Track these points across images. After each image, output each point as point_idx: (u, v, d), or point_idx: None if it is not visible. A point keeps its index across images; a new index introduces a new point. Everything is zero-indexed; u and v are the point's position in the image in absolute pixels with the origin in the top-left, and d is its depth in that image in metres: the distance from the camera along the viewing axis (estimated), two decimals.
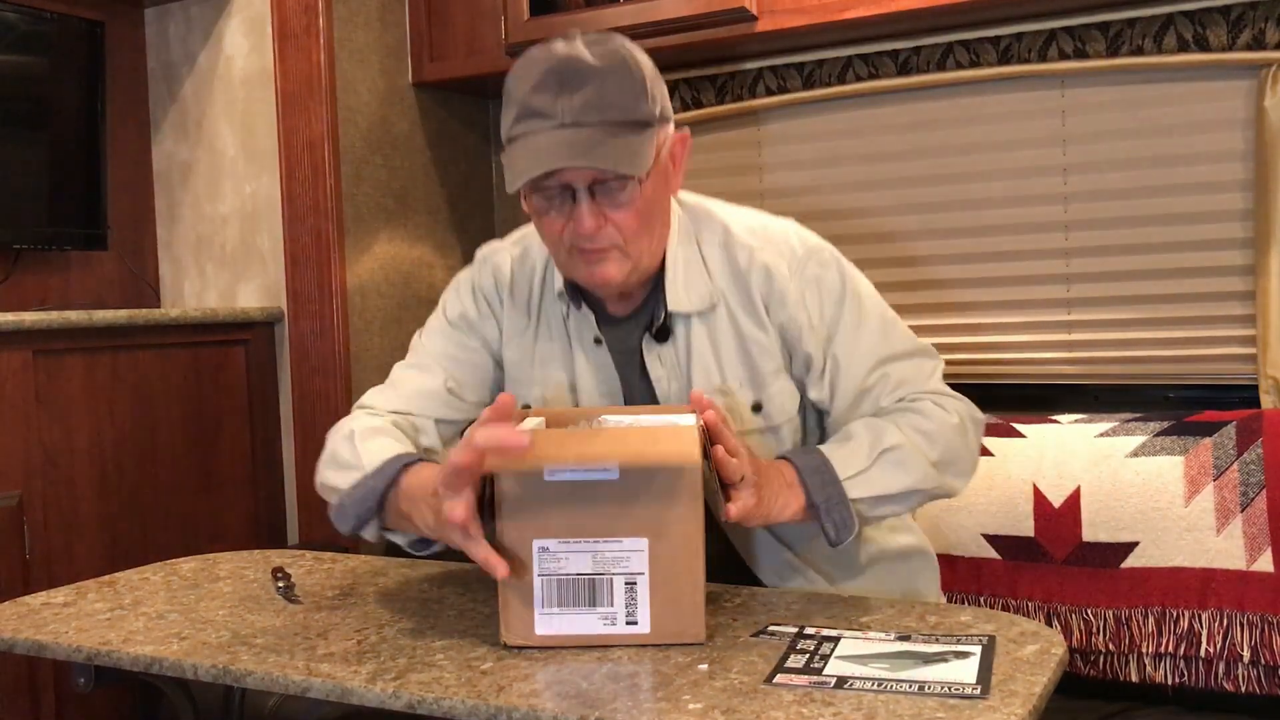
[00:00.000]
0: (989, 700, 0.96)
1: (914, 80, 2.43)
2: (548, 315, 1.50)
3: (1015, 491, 2.04)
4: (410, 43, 2.84)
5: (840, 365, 1.42)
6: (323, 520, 2.74)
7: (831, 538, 1.31)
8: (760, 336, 1.42)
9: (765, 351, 1.42)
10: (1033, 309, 2.44)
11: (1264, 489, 1.89)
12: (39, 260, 2.78)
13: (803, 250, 1.43)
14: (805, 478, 1.30)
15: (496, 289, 1.53)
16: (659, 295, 1.42)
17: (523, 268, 1.52)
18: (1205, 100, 2.22)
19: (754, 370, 1.42)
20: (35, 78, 2.64)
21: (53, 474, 2.38)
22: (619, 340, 1.46)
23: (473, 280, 1.55)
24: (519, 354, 1.51)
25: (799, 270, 1.42)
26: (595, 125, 1.26)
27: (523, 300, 1.51)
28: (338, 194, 2.68)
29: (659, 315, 1.43)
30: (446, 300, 1.58)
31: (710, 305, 1.42)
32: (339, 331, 2.69)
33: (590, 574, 1.13)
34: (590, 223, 1.30)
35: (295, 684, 1.08)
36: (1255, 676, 1.84)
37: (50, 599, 1.38)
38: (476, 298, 1.54)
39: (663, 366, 1.43)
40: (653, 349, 1.43)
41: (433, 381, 1.51)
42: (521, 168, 1.28)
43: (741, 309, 1.42)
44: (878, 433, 1.36)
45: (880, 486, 1.34)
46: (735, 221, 1.46)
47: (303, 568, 1.51)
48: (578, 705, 0.97)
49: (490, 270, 1.54)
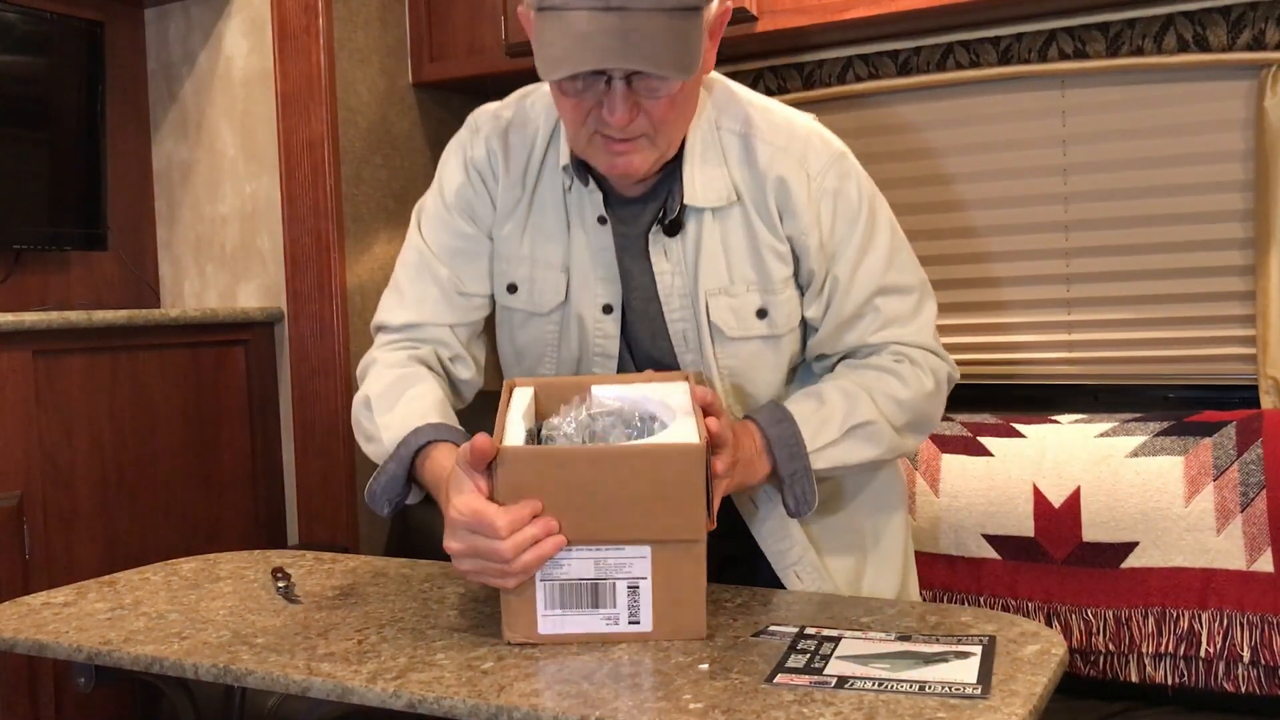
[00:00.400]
0: (989, 700, 0.96)
1: (914, 80, 2.43)
2: (544, 187, 1.39)
3: (1015, 491, 2.04)
4: (410, 43, 2.84)
5: (839, 287, 1.36)
6: (323, 520, 2.76)
7: (791, 509, 1.30)
8: (773, 241, 1.35)
9: (778, 257, 1.35)
10: (1033, 309, 2.44)
11: (1264, 489, 1.89)
12: (39, 260, 2.78)
13: (825, 157, 1.36)
14: (774, 449, 1.28)
15: (490, 160, 1.42)
16: (673, 182, 1.34)
17: (521, 135, 1.41)
18: (1205, 100, 2.22)
19: (764, 275, 1.35)
20: (35, 78, 2.64)
21: (53, 474, 2.38)
22: (625, 223, 1.37)
23: (464, 152, 1.44)
24: (509, 229, 1.42)
25: (818, 181, 1.34)
26: (645, 10, 1.14)
27: (518, 171, 1.40)
28: (338, 194, 2.68)
29: (672, 207, 1.34)
30: (442, 176, 1.47)
31: (727, 202, 1.34)
32: (339, 331, 2.69)
33: (593, 578, 1.13)
34: (624, 114, 1.20)
35: (296, 683, 1.08)
36: (1255, 676, 1.84)
37: (50, 599, 1.38)
38: (469, 172, 1.43)
39: (668, 260, 1.36)
40: (660, 241, 1.36)
41: (437, 286, 1.43)
42: (557, 55, 1.16)
43: (756, 210, 1.35)
44: (852, 404, 1.32)
45: (844, 459, 1.33)
46: (758, 113, 1.37)
47: (303, 568, 1.51)
48: (578, 705, 0.97)
49: (483, 140, 1.43)
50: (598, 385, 1.26)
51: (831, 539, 1.43)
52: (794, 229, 1.35)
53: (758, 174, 1.34)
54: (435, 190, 1.48)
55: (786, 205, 1.34)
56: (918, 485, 2.13)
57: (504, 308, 1.46)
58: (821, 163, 1.35)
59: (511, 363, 1.50)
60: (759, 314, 1.36)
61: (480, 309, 1.46)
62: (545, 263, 1.40)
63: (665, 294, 1.37)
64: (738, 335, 1.36)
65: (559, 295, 1.40)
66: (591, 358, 1.41)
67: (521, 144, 1.40)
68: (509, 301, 1.44)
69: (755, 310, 1.36)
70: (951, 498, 2.09)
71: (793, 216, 1.34)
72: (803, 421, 1.30)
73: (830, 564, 1.43)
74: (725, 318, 1.36)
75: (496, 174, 1.42)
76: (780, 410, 1.32)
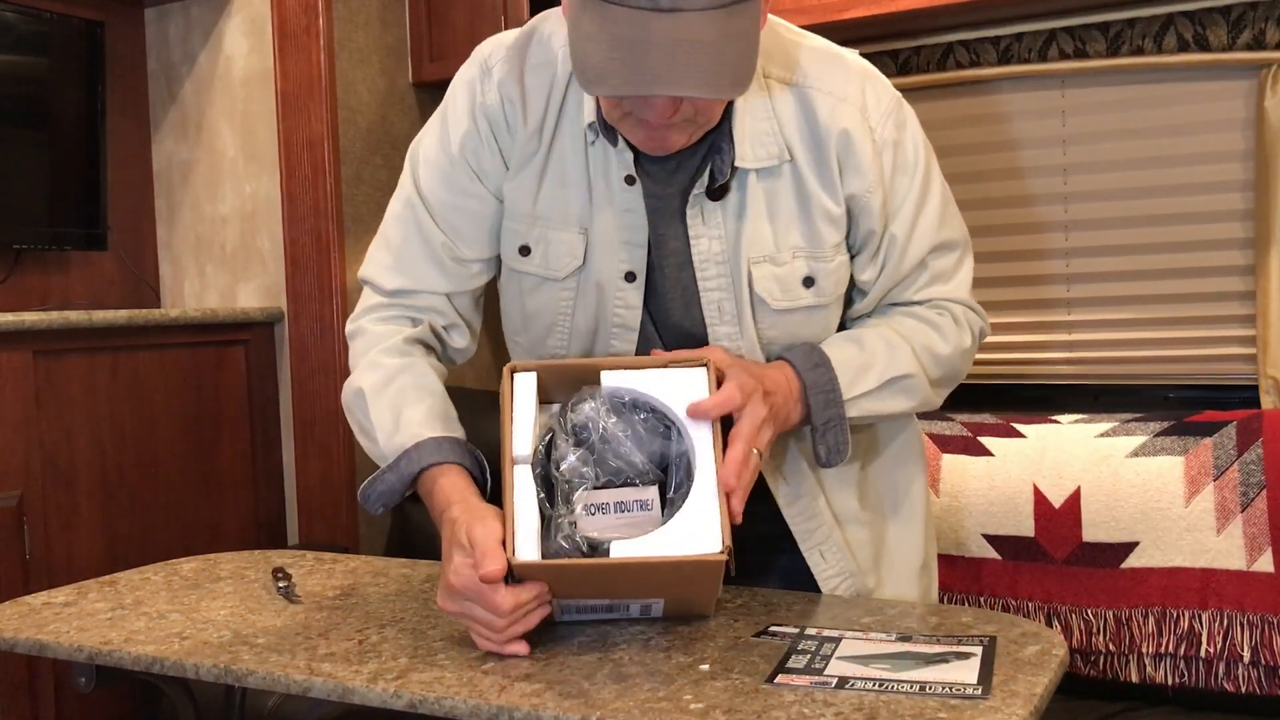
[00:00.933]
0: (990, 701, 0.96)
1: (915, 80, 2.43)
2: (563, 138, 1.24)
3: (1015, 491, 2.04)
4: (410, 43, 2.84)
5: (895, 246, 1.27)
6: (323, 520, 2.75)
7: (822, 459, 1.24)
8: (829, 204, 1.23)
9: (832, 222, 1.24)
10: (1033, 309, 2.44)
11: (1264, 489, 1.89)
12: (39, 260, 2.78)
13: (886, 103, 1.25)
14: (810, 396, 1.21)
15: (504, 109, 1.26)
16: (718, 138, 1.20)
17: (538, 77, 1.24)
18: (1205, 100, 2.22)
19: (815, 240, 1.24)
20: (35, 78, 2.64)
21: (53, 474, 2.38)
22: (658, 182, 1.23)
23: (474, 95, 1.28)
24: (521, 187, 1.27)
25: (879, 132, 1.24)
26: (698, 11, 1.01)
27: (535, 121, 1.24)
28: (338, 194, 2.68)
29: (721, 169, 1.21)
30: (448, 117, 1.31)
31: (778, 161, 1.22)
32: (339, 331, 2.69)
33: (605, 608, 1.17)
34: (666, 110, 1.09)
35: (296, 684, 1.07)
36: (1255, 676, 1.84)
37: (51, 599, 1.38)
38: (477, 120, 1.27)
39: (705, 225, 1.23)
40: (699, 204, 1.23)
41: (430, 249, 1.30)
42: (596, 66, 1.04)
43: (813, 170, 1.23)
44: (893, 354, 1.26)
45: (878, 409, 1.27)
46: (808, 56, 1.25)
47: (303, 568, 1.51)
48: (579, 705, 0.97)
49: (496, 86, 1.26)
50: (607, 371, 1.14)
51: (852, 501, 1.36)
52: (858, 186, 1.24)
53: (817, 130, 1.22)
54: (436, 132, 1.32)
55: (849, 162, 1.23)
56: None
57: (513, 270, 1.32)
58: (881, 110, 1.25)
59: (518, 328, 1.36)
60: (805, 282, 1.25)
61: (479, 275, 1.34)
62: (561, 223, 1.26)
63: (701, 261, 1.24)
64: (783, 306, 1.25)
65: (575, 260, 1.26)
66: (610, 329, 1.28)
67: (539, 88, 1.24)
68: (520, 265, 1.30)
69: (802, 279, 1.25)
70: (951, 498, 2.09)
71: (857, 173, 1.24)
72: (840, 368, 1.23)
73: (852, 537, 1.36)
74: (770, 288, 1.25)
75: (512, 126, 1.26)
76: (818, 354, 1.24)
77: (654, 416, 1.14)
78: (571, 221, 1.26)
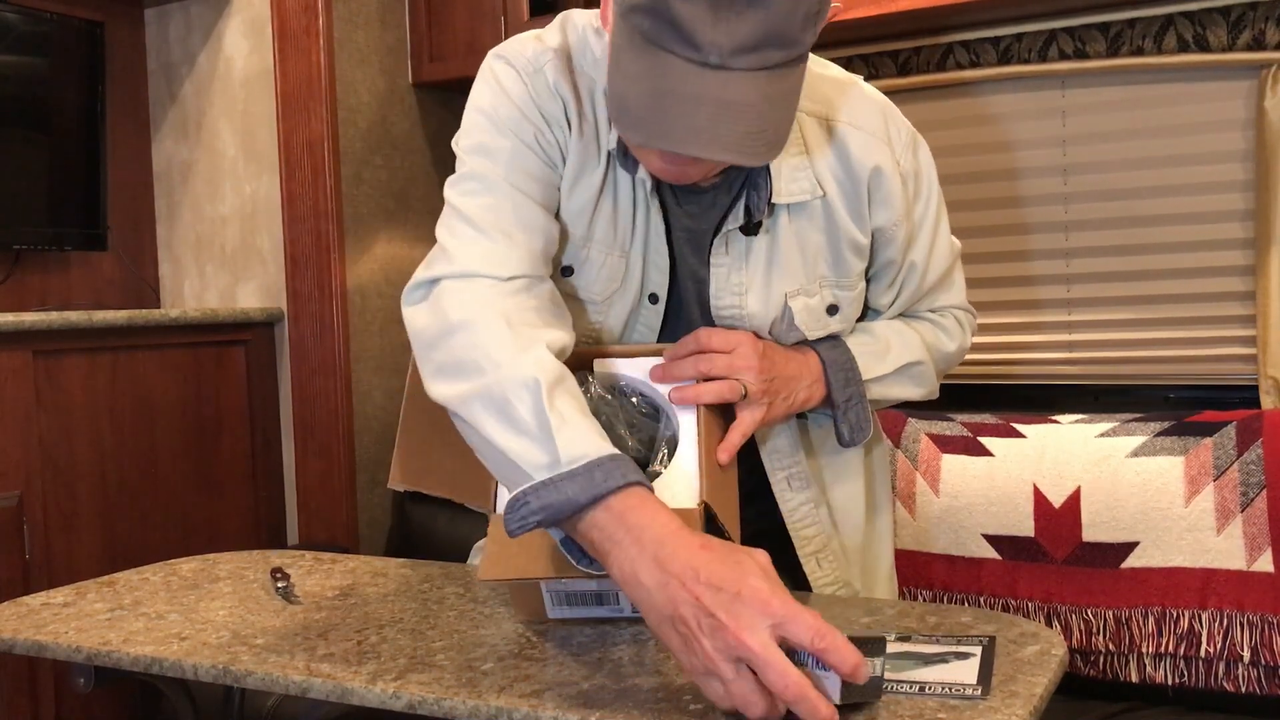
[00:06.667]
0: (990, 701, 0.95)
1: (915, 80, 2.43)
2: (618, 158, 1.20)
3: (1015, 491, 2.04)
4: (410, 43, 2.84)
5: (916, 273, 1.31)
6: (322, 520, 2.76)
7: (845, 438, 1.27)
8: (857, 236, 1.25)
9: (858, 252, 1.26)
10: (1033, 309, 2.44)
11: (1264, 489, 1.89)
12: (39, 260, 2.78)
13: (905, 135, 1.27)
14: (830, 374, 1.24)
15: (564, 108, 1.18)
16: (752, 174, 1.19)
17: (586, 88, 1.20)
18: (1205, 100, 2.22)
19: (841, 269, 1.26)
20: (35, 78, 2.64)
21: (53, 474, 2.38)
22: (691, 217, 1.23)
23: (528, 90, 1.18)
24: (580, 203, 1.21)
25: (903, 164, 1.26)
26: (746, 71, 0.99)
27: (590, 131, 1.19)
28: (338, 194, 2.68)
29: (758, 205, 1.20)
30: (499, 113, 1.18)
31: (811, 196, 1.22)
32: (339, 331, 2.69)
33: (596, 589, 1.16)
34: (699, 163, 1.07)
35: (295, 684, 1.07)
36: (1255, 676, 1.84)
37: (50, 599, 1.38)
38: (530, 112, 1.18)
39: (729, 254, 1.22)
40: (727, 236, 1.22)
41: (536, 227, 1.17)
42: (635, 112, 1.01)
43: (844, 204, 1.24)
44: (905, 344, 1.32)
45: (890, 394, 1.32)
46: (833, 88, 1.25)
47: (303, 568, 1.51)
48: (578, 706, 0.97)
49: (546, 84, 1.18)
50: (600, 361, 1.19)
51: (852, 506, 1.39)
52: (885, 219, 1.26)
53: (850, 165, 1.23)
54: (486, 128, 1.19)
55: (879, 195, 1.25)
56: (917, 485, 2.13)
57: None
58: (902, 143, 1.27)
59: None
60: (830, 310, 1.27)
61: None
62: (607, 244, 1.23)
63: (716, 290, 1.24)
64: (815, 335, 1.27)
65: (615, 283, 1.25)
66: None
67: (588, 97, 1.19)
68: (561, 286, 1.24)
69: (827, 307, 1.27)
70: (951, 498, 2.09)
71: (885, 206, 1.26)
72: (856, 350, 1.28)
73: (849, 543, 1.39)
74: (805, 319, 1.26)
75: (570, 123, 1.19)
76: (835, 338, 1.28)
77: (644, 400, 1.18)
78: (616, 244, 1.23)
